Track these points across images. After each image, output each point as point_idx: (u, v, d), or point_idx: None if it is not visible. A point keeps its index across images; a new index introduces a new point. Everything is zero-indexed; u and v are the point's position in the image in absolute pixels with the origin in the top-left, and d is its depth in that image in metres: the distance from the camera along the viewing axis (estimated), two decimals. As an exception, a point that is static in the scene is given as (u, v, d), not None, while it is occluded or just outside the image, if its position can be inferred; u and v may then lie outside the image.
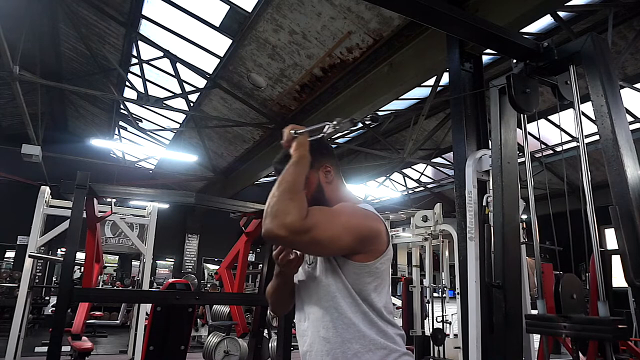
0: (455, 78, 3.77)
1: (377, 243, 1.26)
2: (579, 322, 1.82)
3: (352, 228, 1.21)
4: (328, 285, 1.26)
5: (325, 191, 1.38)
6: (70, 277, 2.39)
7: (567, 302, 1.85)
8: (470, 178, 2.99)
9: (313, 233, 1.13)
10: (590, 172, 1.99)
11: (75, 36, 7.70)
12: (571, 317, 1.84)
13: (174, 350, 3.05)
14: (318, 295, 1.29)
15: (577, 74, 2.16)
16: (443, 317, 5.81)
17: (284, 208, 1.12)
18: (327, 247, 1.21)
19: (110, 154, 13.61)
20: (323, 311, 1.26)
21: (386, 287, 1.29)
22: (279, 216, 1.11)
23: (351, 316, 1.22)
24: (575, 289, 1.90)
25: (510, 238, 2.24)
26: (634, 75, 6.64)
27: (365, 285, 1.24)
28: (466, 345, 2.83)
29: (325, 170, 1.39)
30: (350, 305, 1.23)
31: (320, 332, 1.25)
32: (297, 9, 5.53)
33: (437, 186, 13.13)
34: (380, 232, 1.27)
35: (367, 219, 1.27)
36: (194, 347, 6.93)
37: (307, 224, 1.12)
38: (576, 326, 1.81)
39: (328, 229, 1.17)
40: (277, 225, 1.10)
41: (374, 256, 1.25)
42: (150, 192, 3.18)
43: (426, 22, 2.34)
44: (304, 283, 1.36)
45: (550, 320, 1.91)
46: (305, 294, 1.35)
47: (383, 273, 1.28)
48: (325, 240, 1.17)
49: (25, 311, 5.58)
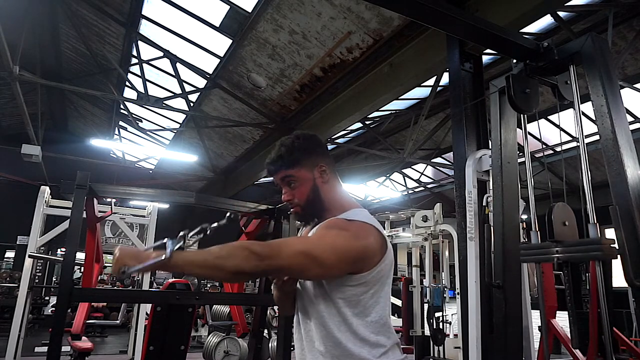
0: (455, 78, 3.77)
1: (370, 259, 1.24)
2: (571, 245, 1.85)
3: (341, 255, 1.19)
4: (317, 304, 1.26)
5: (321, 191, 1.36)
6: (70, 277, 2.38)
7: (559, 228, 1.87)
8: (470, 178, 2.99)
9: (296, 269, 1.17)
10: (590, 172, 1.99)
11: (75, 36, 7.70)
12: (563, 242, 1.86)
13: (174, 350, 3.05)
14: (309, 312, 1.29)
15: (577, 74, 2.16)
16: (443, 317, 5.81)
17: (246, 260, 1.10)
18: (320, 273, 1.22)
19: (110, 154, 13.61)
20: (313, 327, 1.27)
21: (385, 289, 1.28)
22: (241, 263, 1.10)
23: (339, 336, 1.22)
24: (567, 216, 1.91)
25: (510, 238, 2.24)
26: (634, 75, 6.63)
27: (363, 295, 1.23)
28: (466, 345, 2.83)
29: (321, 170, 1.36)
30: (337, 325, 1.22)
31: (315, 344, 1.26)
32: (297, 9, 5.53)
33: (437, 186, 13.12)
34: (372, 248, 1.24)
35: (356, 240, 1.22)
36: (194, 347, 6.93)
37: (277, 261, 1.13)
38: (568, 249, 1.83)
39: (320, 263, 1.17)
40: (265, 265, 1.12)
41: (369, 268, 1.23)
42: (150, 192, 3.18)
43: (426, 22, 2.34)
44: (299, 294, 1.35)
45: (543, 247, 1.93)
46: (300, 305, 1.35)
47: (382, 278, 1.26)
48: (318, 271, 1.19)
49: (25, 311, 5.58)
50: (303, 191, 1.34)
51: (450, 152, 8.53)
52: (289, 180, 1.35)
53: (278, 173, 1.36)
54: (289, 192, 1.36)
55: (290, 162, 1.33)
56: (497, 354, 2.25)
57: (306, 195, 1.34)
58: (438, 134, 9.02)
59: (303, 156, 1.34)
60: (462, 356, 3.14)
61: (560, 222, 1.88)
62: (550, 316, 4.70)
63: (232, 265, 1.09)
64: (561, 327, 4.65)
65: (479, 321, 2.73)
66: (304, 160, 1.34)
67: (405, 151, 7.90)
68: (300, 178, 1.34)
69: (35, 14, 6.74)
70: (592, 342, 4.13)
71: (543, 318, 2.09)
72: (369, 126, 9.05)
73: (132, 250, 1.13)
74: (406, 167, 11.75)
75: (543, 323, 2.08)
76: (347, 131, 9.57)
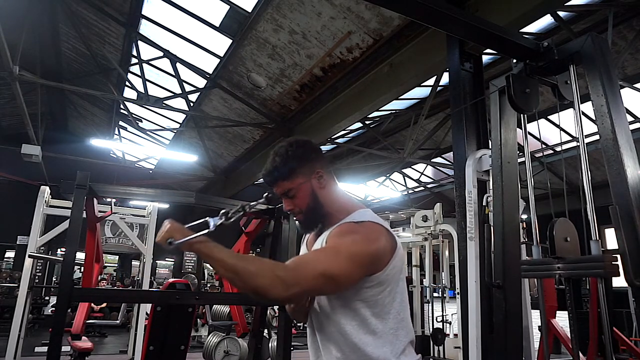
0: (455, 78, 3.77)
1: (384, 258, 1.24)
2: (572, 262, 1.85)
3: (358, 262, 1.19)
4: (334, 310, 1.26)
5: (320, 197, 1.35)
6: (70, 277, 2.38)
7: (560, 244, 1.87)
8: (470, 178, 2.99)
9: (319, 287, 1.17)
10: (590, 172, 1.99)
11: (75, 36, 7.70)
12: (564, 258, 1.86)
13: (174, 350, 3.05)
14: (326, 318, 1.28)
15: (577, 74, 2.16)
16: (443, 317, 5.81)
17: (270, 283, 1.09)
18: (341, 289, 1.21)
19: (110, 154, 13.61)
20: (331, 333, 1.27)
21: (400, 284, 1.29)
22: (276, 286, 1.10)
23: (356, 340, 1.22)
24: (569, 232, 1.91)
25: (510, 238, 2.24)
26: (634, 75, 6.64)
27: (380, 294, 1.24)
28: (466, 345, 2.82)
29: (318, 176, 1.35)
30: (356, 329, 1.23)
31: (332, 351, 1.26)
32: (297, 8, 5.53)
33: (437, 186, 13.12)
34: (384, 249, 1.24)
35: (369, 243, 1.22)
36: (194, 347, 6.93)
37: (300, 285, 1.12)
38: (570, 266, 1.84)
39: (334, 282, 1.16)
40: (285, 291, 1.10)
41: (382, 267, 1.23)
42: (150, 192, 3.17)
43: (426, 22, 2.33)
44: (312, 306, 1.35)
45: (545, 263, 1.94)
46: (314, 314, 1.34)
47: (396, 274, 1.27)
48: (339, 288, 1.19)
49: (25, 311, 5.58)
50: (303, 199, 1.33)
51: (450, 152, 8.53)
52: (287, 192, 1.34)
53: (275, 185, 1.35)
54: (289, 202, 1.36)
55: (286, 172, 1.32)
56: (497, 354, 2.25)
57: (307, 204, 1.34)
58: (438, 134, 9.03)
59: (299, 164, 1.33)
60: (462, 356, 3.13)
61: (561, 238, 1.87)
62: (550, 316, 4.71)
63: (257, 285, 1.09)
64: (561, 327, 4.66)
65: (479, 321, 2.73)
66: (299, 169, 1.33)
67: (405, 151, 7.90)
68: (298, 187, 1.33)
69: (35, 13, 6.74)
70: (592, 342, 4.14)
71: (543, 318, 2.09)
72: (369, 126, 9.04)
73: (179, 226, 1.18)
74: (406, 167, 11.76)
75: (543, 323, 2.08)
76: (347, 131, 9.57)
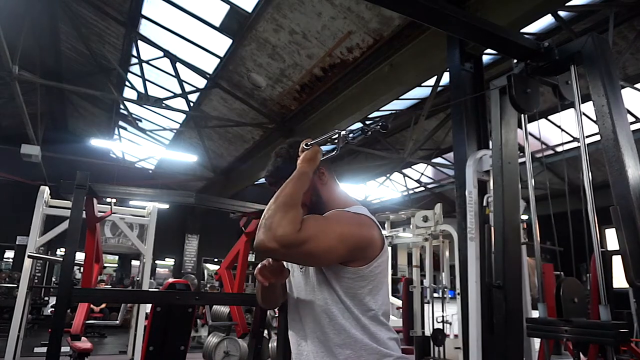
0: (456, 78, 3.77)
1: (371, 249, 1.25)
2: (581, 326, 1.81)
3: (347, 239, 1.20)
4: (320, 292, 1.27)
5: (322, 194, 1.38)
6: (70, 278, 2.37)
7: (568, 305, 1.85)
8: (471, 178, 2.98)
9: (307, 246, 1.13)
10: (591, 172, 1.98)
11: (75, 36, 7.70)
12: (572, 321, 1.83)
13: (173, 350, 3.04)
14: (310, 300, 1.30)
15: (578, 74, 2.15)
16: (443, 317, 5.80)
17: (278, 221, 1.11)
18: (321, 259, 1.21)
19: (110, 154, 13.60)
20: (316, 315, 1.27)
21: (382, 289, 1.29)
22: (272, 229, 1.10)
23: (342, 322, 1.23)
24: (576, 292, 1.89)
25: (510, 238, 2.24)
26: (635, 75, 6.63)
27: (360, 289, 1.24)
28: (466, 345, 2.82)
29: (320, 173, 1.39)
30: (341, 311, 1.24)
31: (316, 334, 1.27)
32: (297, 8, 5.52)
33: (437, 186, 13.12)
34: (374, 239, 1.26)
35: (361, 228, 1.25)
36: (194, 347, 6.92)
37: (300, 237, 1.11)
38: (577, 330, 1.80)
39: (322, 241, 1.16)
40: (269, 238, 1.10)
41: (367, 261, 1.24)
42: (150, 192, 3.17)
43: (426, 22, 2.33)
44: (297, 286, 1.36)
45: (552, 324, 1.91)
46: (298, 296, 1.35)
47: (378, 276, 1.27)
48: (320, 253, 1.17)
49: (25, 311, 5.57)
50: (305, 197, 1.33)
51: (451, 152, 8.54)
52: None
53: (278, 185, 1.34)
54: None
55: (288, 172, 1.32)
56: (497, 354, 2.25)
57: (309, 201, 1.35)
58: (438, 134, 9.01)
59: None
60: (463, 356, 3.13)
61: (569, 299, 1.86)
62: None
63: (276, 233, 1.10)
64: (561, 327, 4.65)
65: (479, 321, 2.73)
66: None
67: (405, 151, 7.89)
68: None
69: (35, 13, 6.73)
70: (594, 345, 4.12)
71: (544, 318, 2.09)
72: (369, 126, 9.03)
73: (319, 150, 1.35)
74: (406, 167, 11.75)
75: (544, 323, 2.07)
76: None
